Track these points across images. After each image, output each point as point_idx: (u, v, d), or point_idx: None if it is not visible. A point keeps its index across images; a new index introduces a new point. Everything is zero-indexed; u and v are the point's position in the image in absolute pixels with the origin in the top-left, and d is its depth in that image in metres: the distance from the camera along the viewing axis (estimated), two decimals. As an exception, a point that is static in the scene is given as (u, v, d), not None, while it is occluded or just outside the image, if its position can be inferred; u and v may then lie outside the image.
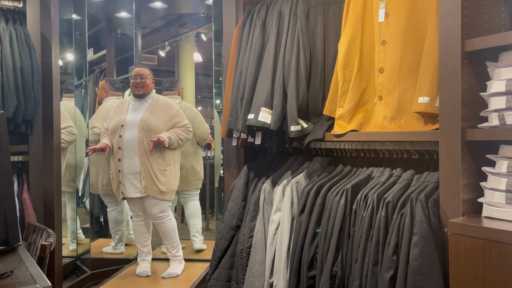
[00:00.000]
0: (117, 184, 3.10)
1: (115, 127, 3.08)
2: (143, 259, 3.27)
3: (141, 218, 3.21)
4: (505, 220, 1.41)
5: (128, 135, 3.04)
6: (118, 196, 3.13)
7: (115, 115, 3.16)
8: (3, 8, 2.75)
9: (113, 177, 3.12)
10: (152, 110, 3.10)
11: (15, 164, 2.80)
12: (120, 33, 5.39)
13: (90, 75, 5.51)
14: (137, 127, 3.04)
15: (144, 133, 3.02)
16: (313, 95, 2.11)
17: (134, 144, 3.03)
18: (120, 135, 3.05)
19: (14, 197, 1.80)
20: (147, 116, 3.06)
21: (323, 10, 2.14)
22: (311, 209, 1.89)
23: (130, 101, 3.19)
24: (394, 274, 1.51)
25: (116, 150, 3.07)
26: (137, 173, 3.03)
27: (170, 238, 3.21)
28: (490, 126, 1.46)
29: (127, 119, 3.09)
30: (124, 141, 3.04)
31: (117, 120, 3.10)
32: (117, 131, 3.07)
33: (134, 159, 3.03)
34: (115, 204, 3.82)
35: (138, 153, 3.02)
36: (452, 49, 1.51)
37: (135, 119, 3.07)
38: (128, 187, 3.05)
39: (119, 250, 3.87)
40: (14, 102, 2.60)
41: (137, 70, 3.16)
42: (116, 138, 3.07)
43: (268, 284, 2.04)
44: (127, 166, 3.03)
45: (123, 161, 3.04)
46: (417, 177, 1.72)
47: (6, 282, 1.36)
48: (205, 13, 4.99)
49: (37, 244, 1.91)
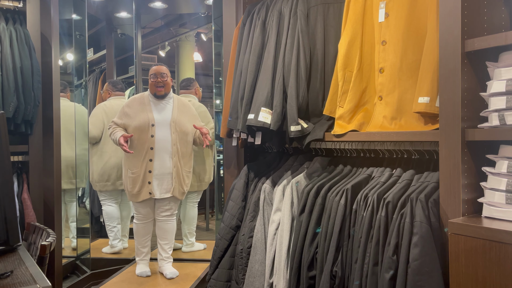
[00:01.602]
0: (144, 184, 2.99)
1: (143, 125, 2.97)
2: (142, 259, 3.24)
3: (147, 219, 3.16)
4: (505, 220, 1.41)
5: (160, 135, 2.98)
6: (138, 196, 3.02)
7: (135, 112, 3.02)
8: (3, 8, 2.75)
9: (137, 177, 2.99)
10: (178, 110, 3.09)
11: (15, 164, 2.80)
12: (120, 33, 5.39)
13: (90, 75, 5.51)
14: (169, 128, 3.01)
15: (177, 134, 3.03)
16: (313, 95, 2.11)
17: (167, 145, 3.00)
18: (152, 135, 2.97)
19: (14, 197, 1.80)
20: (176, 116, 3.05)
21: (323, 10, 2.14)
22: (311, 209, 1.89)
23: (149, 99, 3.09)
24: (394, 274, 1.51)
25: (146, 150, 2.98)
26: (167, 174, 3.02)
27: (171, 237, 3.22)
28: (490, 126, 1.46)
29: (155, 117, 3.01)
30: (156, 141, 2.98)
31: (144, 118, 2.99)
32: (147, 130, 2.97)
33: (166, 160, 3.00)
34: (111, 200, 3.81)
35: (171, 154, 3.01)
36: (452, 49, 1.51)
37: (165, 119, 3.02)
38: (155, 187, 3.01)
39: (117, 248, 3.80)
40: (14, 102, 2.60)
41: (157, 69, 3.06)
42: (145, 137, 2.98)
43: (268, 284, 2.04)
44: (158, 167, 2.99)
45: (154, 162, 2.98)
46: (417, 177, 1.72)
47: (6, 282, 1.36)
48: (205, 13, 4.99)
49: (37, 244, 1.91)
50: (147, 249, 3.25)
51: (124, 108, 3.07)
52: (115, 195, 3.80)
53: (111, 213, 3.79)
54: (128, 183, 3.05)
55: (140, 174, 3.00)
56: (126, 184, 3.08)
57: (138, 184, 3.01)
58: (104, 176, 3.69)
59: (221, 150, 4.46)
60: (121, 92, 3.97)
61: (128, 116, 3.03)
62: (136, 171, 3.01)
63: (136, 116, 3.01)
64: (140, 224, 3.16)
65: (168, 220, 3.16)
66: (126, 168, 3.06)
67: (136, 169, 3.01)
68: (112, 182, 3.70)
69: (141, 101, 3.08)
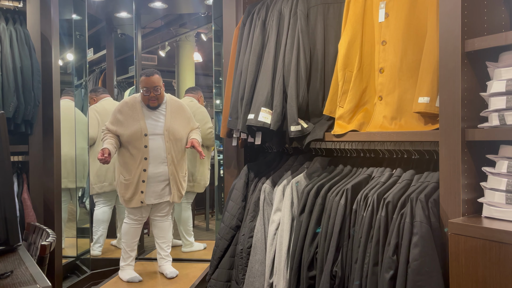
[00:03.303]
0: (137, 192, 2.97)
1: (136, 134, 2.94)
2: (128, 264, 3.14)
3: (139, 221, 3.12)
4: (505, 220, 1.41)
5: (154, 145, 2.97)
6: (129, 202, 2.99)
7: (127, 120, 2.98)
8: (3, 8, 2.75)
9: (130, 184, 2.96)
10: (171, 116, 3.06)
11: (15, 164, 2.80)
12: (120, 33, 5.39)
13: (90, 75, 5.51)
14: (162, 136, 2.99)
15: (171, 142, 3.02)
16: (313, 95, 2.11)
17: (161, 153, 2.99)
18: (146, 145, 2.95)
19: (14, 197, 1.79)
20: (169, 124, 3.03)
21: (323, 10, 2.14)
22: (311, 209, 1.89)
23: (141, 105, 3.03)
24: (394, 274, 1.51)
25: (140, 159, 2.94)
26: (162, 181, 3.01)
27: (169, 236, 3.22)
28: (490, 126, 1.46)
29: (148, 127, 2.98)
30: (150, 151, 2.96)
31: (136, 127, 2.95)
32: (140, 141, 2.94)
33: (160, 168, 2.99)
34: (105, 203, 3.80)
35: (167, 163, 3.00)
36: (452, 49, 1.51)
37: (157, 127, 3.00)
38: (149, 194, 2.99)
39: (95, 252, 3.74)
40: (14, 102, 2.60)
41: (148, 82, 2.95)
42: (138, 145, 2.95)
43: (268, 284, 2.04)
44: (153, 176, 2.98)
45: (148, 171, 2.96)
46: (417, 177, 1.72)
47: (6, 282, 1.36)
48: (205, 13, 4.98)
49: (37, 244, 1.91)
50: (135, 252, 3.19)
51: (116, 114, 3.01)
52: (110, 197, 3.81)
53: (100, 215, 3.78)
54: (121, 188, 3.02)
55: (133, 182, 2.96)
56: (118, 188, 3.05)
57: (131, 191, 2.97)
58: (101, 178, 3.69)
59: (221, 150, 4.45)
60: (104, 94, 4.01)
61: (120, 123, 2.97)
62: (129, 178, 2.97)
63: (129, 124, 2.96)
64: (132, 225, 3.11)
65: (164, 220, 3.16)
66: (119, 173, 3.02)
67: (129, 177, 2.97)
68: (110, 183, 3.70)
69: (132, 107, 3.01)
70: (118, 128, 2.98)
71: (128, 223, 3.11)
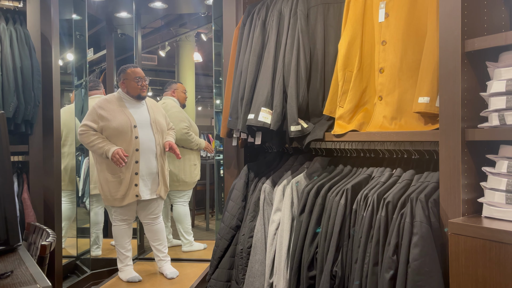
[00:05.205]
0: (131, 186, 2.92)
1: (124, 126, 2.91)
2: (126, 264, 3.13)
3: (128, 222, 3.09)
4: (505, 220, 1.41)
5: (144, 136, 2.97)
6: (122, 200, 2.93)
7: (112, 113, 2.93)
8: (3, 8, 2.75)
9: (122, 180, 2.91)
10: (152, 110, 3.13)
11: (15, 164, 2.80)
12: (120, 33, 5.39)
13: (90, 75, 5.50)
14: (150, 128, 3.02)
15: (159, 134, 3.06)
16: (313, 95, 2.11)
17: (151, 145, 3.00)
18: (136, 136, 2.94)
19: (14, 197, 1.79)
20: (154, 116, 3.08)
21: (323, 10, 2.14)
22: (311, 209, 1.89)
23: (122, 100, 3.02)
24: (394, 274, 1.51)
25: (132, 151, 2.92)
26: (153, 174, 3.02)
27: (163, 237, 3.21)
28: (490, 126, 1.46)
29: (136, 118, 2.98)
30: (141, 142, 2.95)
31: (124, 119, 2.93)
32: (129, 132, 2.92)
33: (151, 160, 3.00)
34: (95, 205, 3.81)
35: (156, 155, 3.02)
36: (452, 49, 1.51)
37: (144, 119, 3.02)
38: (143, 189, 2.97)
39: (94, 253, 3.75)
40: (14, 102, 2.60)
41: (139, 72, 3.08)
42: (129, 139, 2.92)
43: (268, 284, 2.04)
44: (145, 168, 2.97)
45: (140, 163, 2.94)
46: (417, 177, 1.72)
47: (6, 282, 1.36)
48: (205, 13, 4.98)
49: (37, 244, 1.91)
50: (130, 252, 3.17)
51: (97, 110, 2.93)
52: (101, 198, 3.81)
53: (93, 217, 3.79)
54: (110, 188, 2.93)
55: (125, 177, 2.91)
56: (105, 190, 2.96)
57: (123, 187, 2.91)
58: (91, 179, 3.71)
59: (221, 150, 4.45)
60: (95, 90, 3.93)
61: (103, 118, 2.91)
62: (120, 174, 2.91)
63: (114, 117, 2.92)
64: (124, 226, 3.07)
65: (155, 223, 3.15)
66: (105, 173, 2.94)
67: (120, 173, 2.91)
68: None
69: (115, 102, 3.00)
70: (103, 123, 2.90)
71: (117, 225, 3.07)
